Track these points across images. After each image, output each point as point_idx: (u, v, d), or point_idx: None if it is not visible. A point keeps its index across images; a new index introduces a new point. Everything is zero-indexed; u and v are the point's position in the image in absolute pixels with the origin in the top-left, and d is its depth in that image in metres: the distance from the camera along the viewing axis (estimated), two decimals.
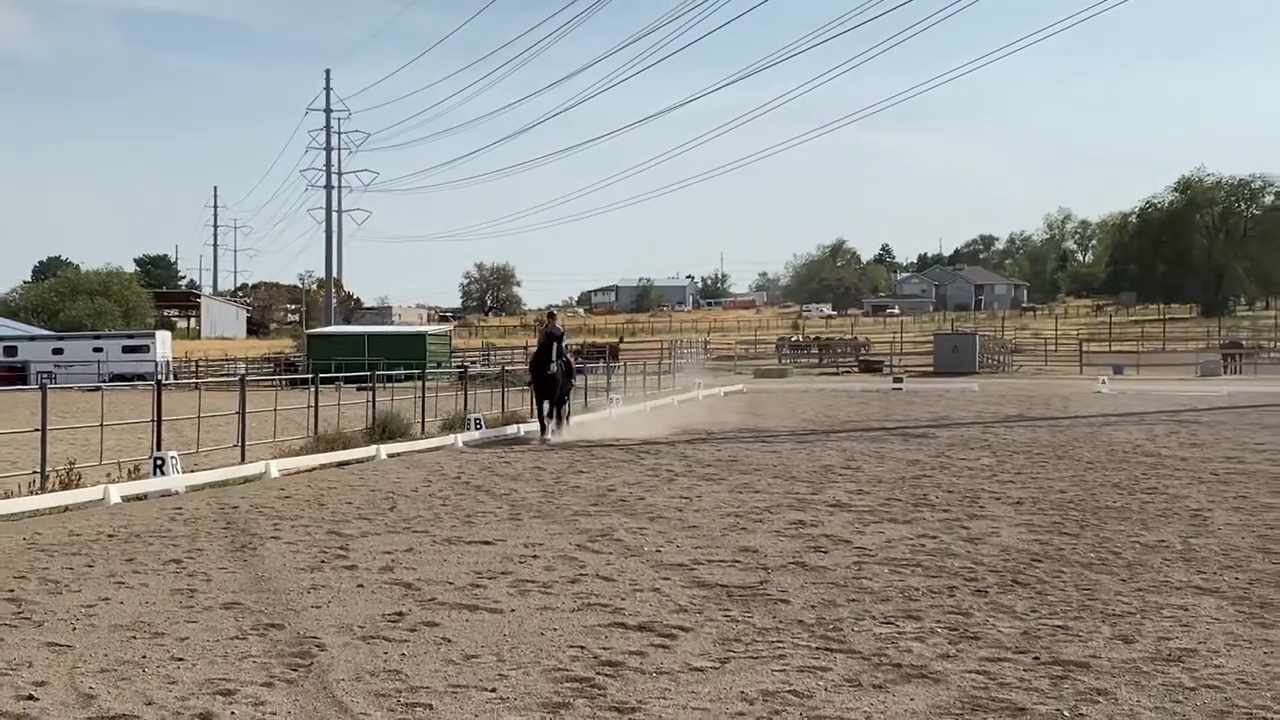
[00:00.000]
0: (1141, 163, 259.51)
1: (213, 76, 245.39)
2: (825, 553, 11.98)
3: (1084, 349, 77.93)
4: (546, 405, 27.04)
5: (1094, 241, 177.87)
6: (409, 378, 38.12)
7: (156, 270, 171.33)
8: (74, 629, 8.96)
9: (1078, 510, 14.84)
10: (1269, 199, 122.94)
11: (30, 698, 7.18)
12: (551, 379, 26.19)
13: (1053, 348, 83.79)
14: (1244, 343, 77.45)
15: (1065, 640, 8.37)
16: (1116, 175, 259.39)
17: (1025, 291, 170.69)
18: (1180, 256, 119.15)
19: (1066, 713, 6.74)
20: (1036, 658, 7.90)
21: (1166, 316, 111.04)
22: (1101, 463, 20.65)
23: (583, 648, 8.24)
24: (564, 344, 28.03)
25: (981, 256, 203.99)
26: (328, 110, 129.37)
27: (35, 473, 17.65)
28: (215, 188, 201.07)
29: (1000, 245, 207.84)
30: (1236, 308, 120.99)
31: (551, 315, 30.59)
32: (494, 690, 7.24)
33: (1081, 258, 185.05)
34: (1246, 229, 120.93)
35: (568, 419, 28.19)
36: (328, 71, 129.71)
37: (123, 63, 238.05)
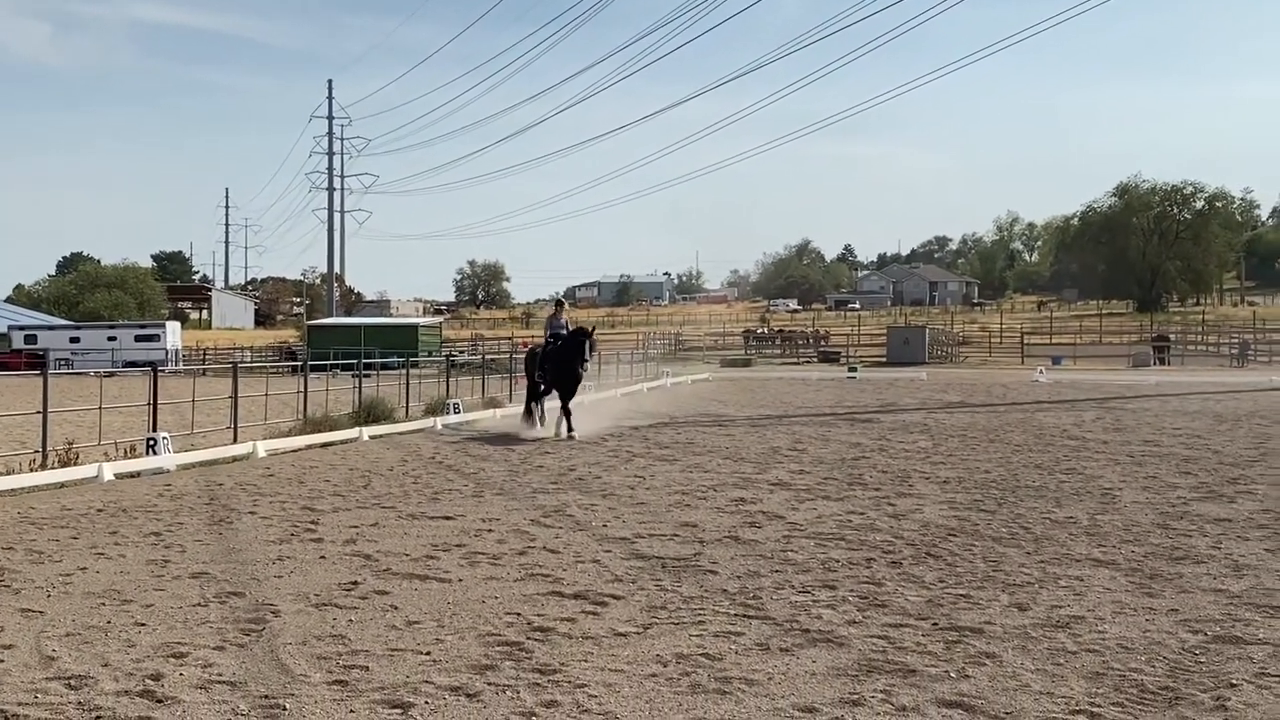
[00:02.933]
0: (1083, 170, 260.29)
1: (224, 86, 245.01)
2: (759, 527, 11.99)
3: (1025, 341, 78.09)
4: (544, 401, 24.70)
5: (1039, 242, 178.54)
6: (400, 366, 38.03)
7: (172, 265, 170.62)
8: (49, 596, 8.93)
9: (998, 489, 14.88)
10: (1199, 204, 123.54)
11: None
12: (574, 376, 23.55)
13: (997, 340, 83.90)
14: (1171, 336, 77.65)
15: (965, 608, 8.40)
16: (1061, 181, 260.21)
17: (976, 288, 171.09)
18: (1118, 256, 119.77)
19: (954, 674, 6.76)
20: (935, 624, 7.93)
21: (1104, 312, 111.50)
22: (1029, 445, 20.70)
23: (519, 614, 8.24)
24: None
25: (936, 256, 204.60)
26: (330, 118, 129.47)
27: (37, 451, 17.61)
28: (227, 189, 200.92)
29: (953, 245, 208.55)
30: (1169, 304, 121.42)
31: (560, 304, 27.41)
32: (429, 654, 7.23)
33: (1028, 257, 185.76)
34: (1178, 231, 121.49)
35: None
36: (330, 82, 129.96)
37: (139, 72, 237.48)
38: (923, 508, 13.32)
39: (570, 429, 22.75)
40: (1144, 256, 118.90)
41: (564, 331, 24.59)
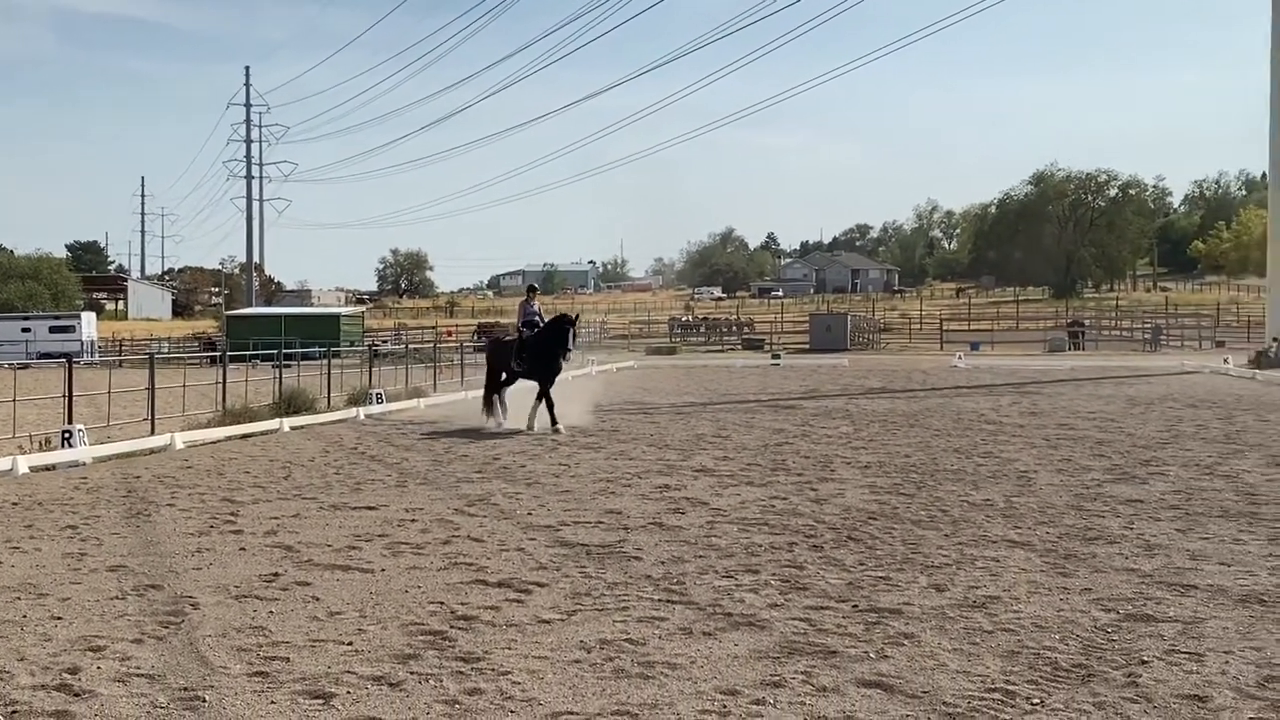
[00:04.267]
0: (1001, 158, 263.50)
1: (141, 74, 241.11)
2: (683, 514, 12.01)
3: (945, 328, 79.01)
4: (504, 392, 23.24)
5: (958, 230, 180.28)
6: (321, 356, 37.68)
7: (87, 255, 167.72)
8: None
9: (918, 473, 15.02)
10: (1113, 191, 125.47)
11: None
12: (555, 365, 22.21)
13: (917, 327, 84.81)
14: (1086, 322, 78.91)
15: (885, 590, 8.47)
16: (978, 169, 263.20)
17: (896, 276, 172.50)
18: (1034, 244, 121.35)
19: (873, 655, 6.81)
20: (856, 606, 7.98)
21: (1021, 298, 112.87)
22: (947, 430, 20.92)
23: (442, 603, 8.19)
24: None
25: (857, 244, 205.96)
26: (248, 105, 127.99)
27: None
28: (143, 178, 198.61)
29: (875, 234, 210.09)
30: (1084, 290, 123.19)
31: (532, 290, 25.73)
32: (350, 644, 7.17)
33: (947, 245, 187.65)
34: (1093, 219, 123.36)
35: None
36: (247, 68, 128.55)
37: (56, 61, 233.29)
38: (844, 492, 13.42)
39: (554, 421, 21.51)
40: (1059, 243, 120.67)
41: (538, 319, 23.40)
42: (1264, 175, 53.15)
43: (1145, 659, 6.69)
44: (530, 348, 22.41)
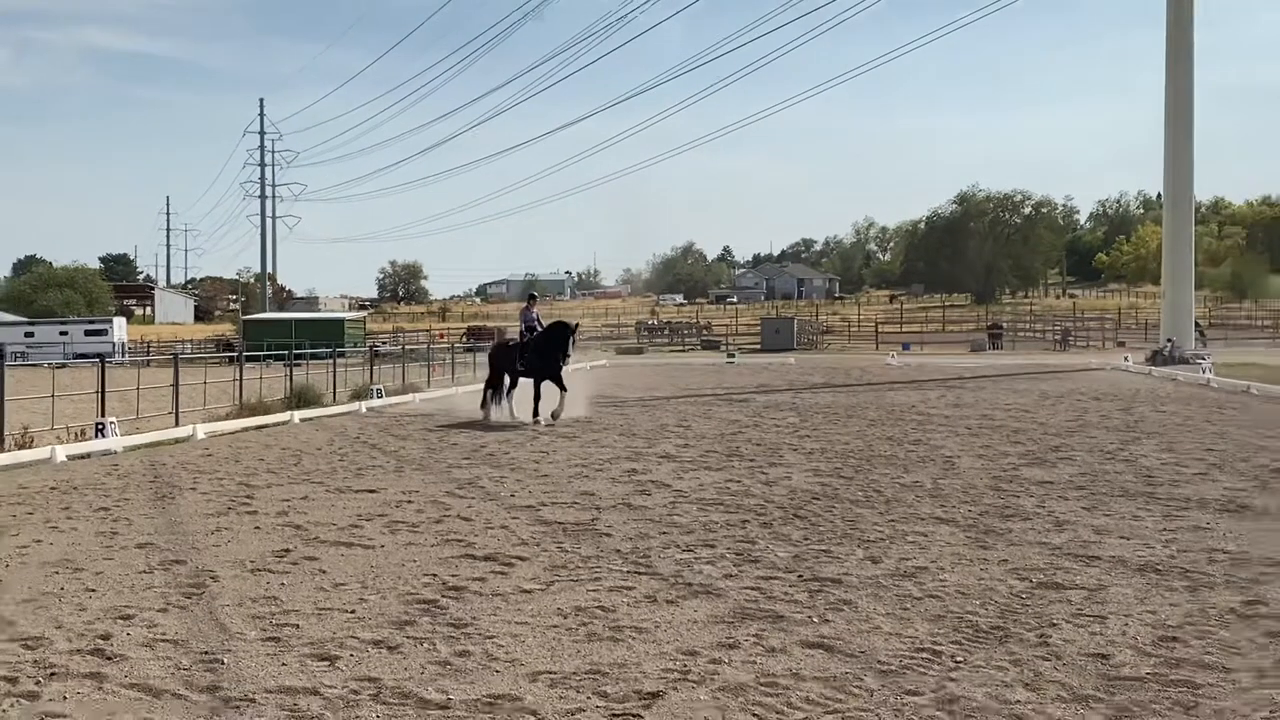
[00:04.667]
0: (929, 180, 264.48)
1: (165, 103, 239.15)
2: (649, 495, 12.01)
3: (879, 330, 79.31)
4: (504, 391, 22.47)
5: (891, 244, 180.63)
6: (327, 356, 37.50)
7: (118, 267, 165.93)
8: (6, 567, 8.67)
9: (856, 458, 15.07)
10: (1027, 210, 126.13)
11: None
12: (556, 365, 21.54)
13: (856, 329, 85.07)
14: (1004, 325, 79.29)
15: (826, 561, 8.50)
16: (909, 190, 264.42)
17: (837, 284, 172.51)
18: (958, 256, 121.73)
19: (816, 619, 6.84)
20: (801, 576, 8.01)
21: (947, 304, 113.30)
22: (882, 420, 21.00)
23: (435, 575, 8.17)
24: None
25: (803, 256, 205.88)
26: (262, 133, 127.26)
27: None
28: (168, 197, 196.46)
29: (818, 246, 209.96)
30: (1002, 297, 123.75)
31: (532, 298, 24.85)
32: (354, 611, 7.15)
33: (881, 257, 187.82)
34: (1010, 234, 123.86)
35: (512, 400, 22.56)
36: (261, 100, 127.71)
37: (91, 91, 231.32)
38: (790, 475, 13.45)
39: (559, 409, 21.05)
40: (980, 255, 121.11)
41: (537, 324, 22.78)
42: (1159, 195, 53.71)
43: (1055, 622, 6.74)
44: (532, 349, 22.00)
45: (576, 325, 22.49)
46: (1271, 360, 44.64)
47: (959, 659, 6.02)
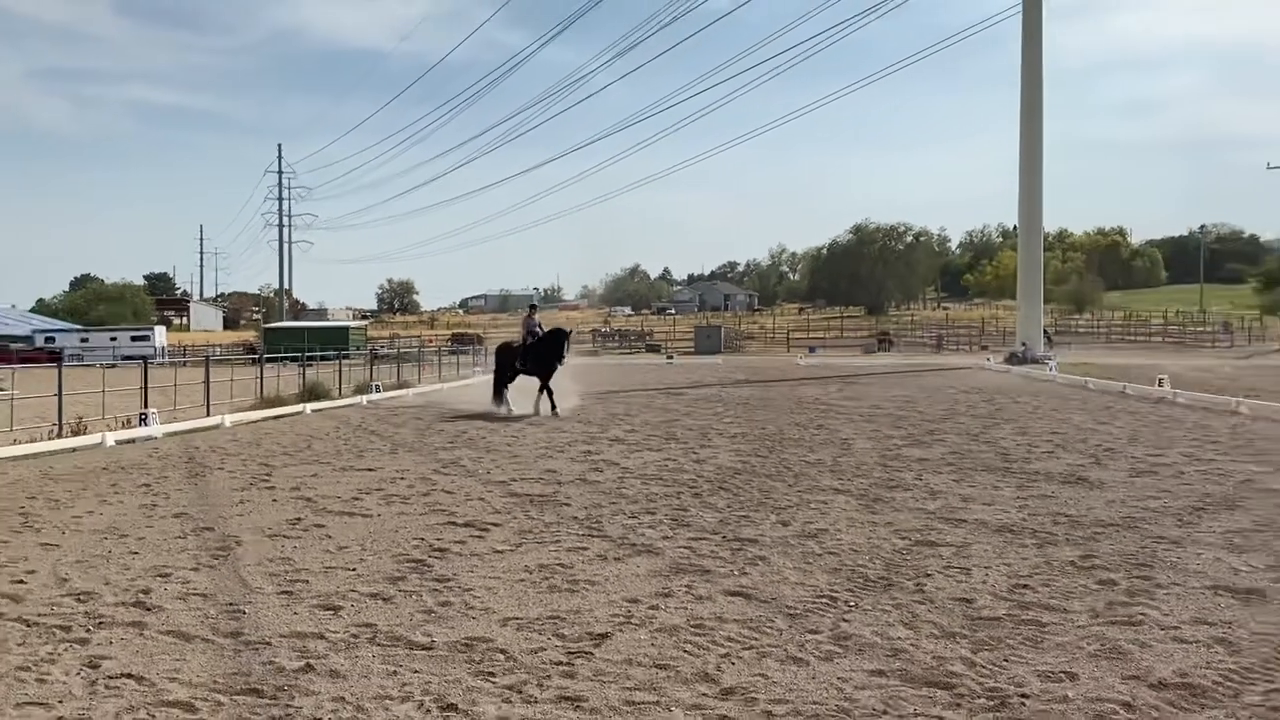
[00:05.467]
0: (830, 213, 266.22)
1: (201, 148, 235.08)
2: (601, 471, 11.99)
3: (790, 336, 79.71)
4: (508, 388, 21.25)
5: (800, 265, 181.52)
6: (334, 358, 37.07)
7: (159, 283, 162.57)
8: (63, 533, 8.48)
9: (771, 441, 15.13)
10: (909, 238, 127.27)
11: (21, 581, 6.80)
12: (551, 367, 20.62)
13: (771, 335, 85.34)
14: (890, 332, 79.98)
15: (745, 525, 8.52)
16: (814, 221, 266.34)
17: (756, 298, 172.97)
18: (854, 276, 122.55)
19: (736, 572, 6.86)
20: (724, 537, 8.02)
21: (845, 315, 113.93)
22: (791, 409, 21.09)
23: (422, 539, 8.09)
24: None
25: (729, 275, 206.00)
26: (280, 172, 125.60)
27: (55, 424, 16.76)
28: (201, 225, 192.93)
29: (740, 267, 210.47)
30: (889, 309, 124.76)
31: (533, 308, 23.98)
32: (354, 570, 7.07)
33: (792, 276, 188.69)
34: (895, 258, 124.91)
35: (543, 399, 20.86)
36: (280, 145, 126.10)
37: (137, 138, 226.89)
38: (717, 455, 13.48)
39: (554, 405, 20.16)
40: (872, 275, 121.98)
41: (539, 330, 21.77)
42: (1014, 227, 54.45)
43: (929, 573, 6.81)
44: (531, 352, 21.27)
45: (571, 332, 21.91)
46: (1104, 360, 45.36)
47: (851, 603, 6.06)
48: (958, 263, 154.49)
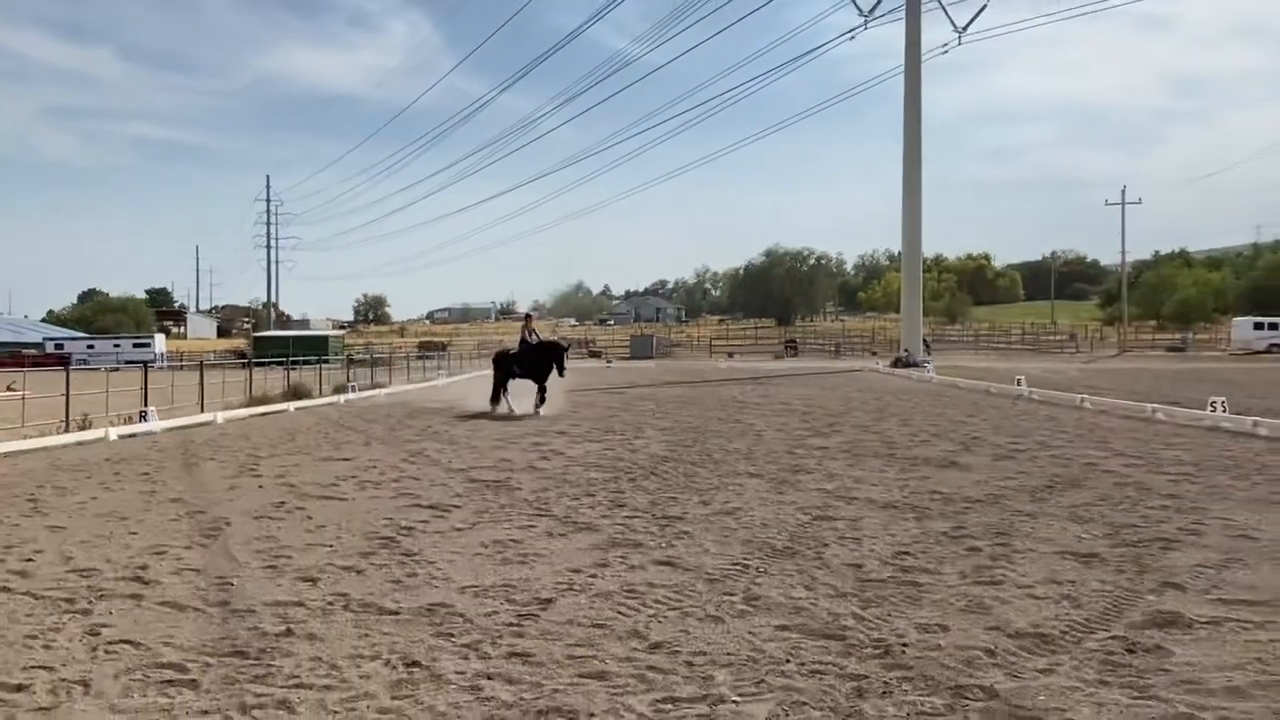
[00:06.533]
0: (746, 238, 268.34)
1: (195, 178, 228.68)
2: (549, 460, 11.90)
3: (712, 344, 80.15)
4: (508, 392, 20.03)
5: (721, 283, 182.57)
6: (316, 362, 36.40)
7: (159, 296, 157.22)
8: (69, 517, 8.19)
9: (696, 432, 15.16)
10: (812, 261, 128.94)
11: (30, 560, 6.55)
12: (544, 374, 19.44)
13: (696, 343, 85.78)
14: (796, 340, 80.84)
15: (672, 505, 8.52)
16: (733, 245, 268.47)
17: (683, 311, 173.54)
18: (767, 293, 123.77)
19: (664, 545, 6.86)
20: (654, 515, 8.00)
21: (759, 326, 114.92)
22: (714, 406, 21.18)
23: (391, 519, 7.95)
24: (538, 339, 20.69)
25: (660, 291, 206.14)
26: (268, 200, 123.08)
27: (63, 421, 16.20)
28: (197, 246, 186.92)
29: (670, 284, 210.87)
30: (796, 320, 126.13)
31: (529, 317, 22.58)
32: (331, 546, 6.92)
33: (714, 292, 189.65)
34: (800, 277, 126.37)
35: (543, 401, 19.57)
36: (268, 176, 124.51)
37: (138, 170, 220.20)
38: (649, 445, 13.47)
39: (541, 403, 19.22)
40: (781, 292, 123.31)
41: (534, 338, 20.46)
42: (899, 252, 55.53)
43: (826, 543, 6.87)
44: (523, 360, 19.95)
45: (569, 345, 20.68)
46: (972, 364, 46.29)
47: (761, 569, 6.10)
48: (852, 282, 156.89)
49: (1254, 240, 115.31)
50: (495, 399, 20.09)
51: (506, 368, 20.32)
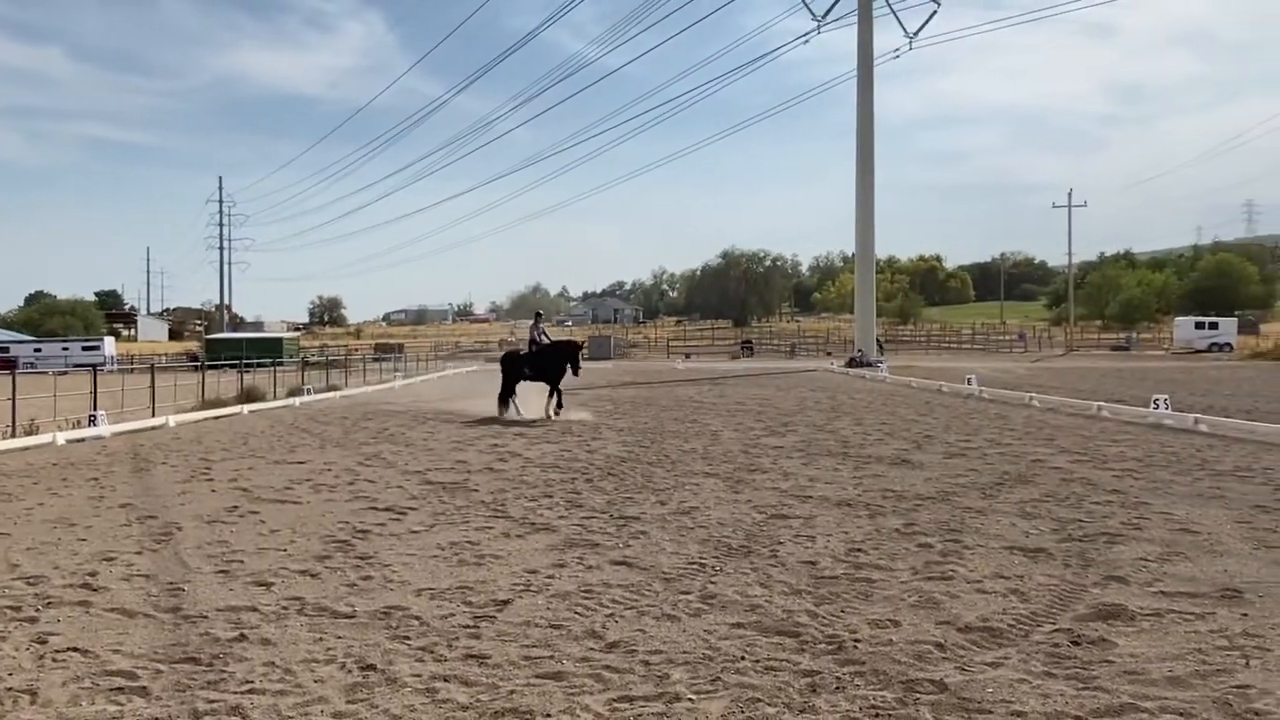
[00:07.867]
0: (703, 241, 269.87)
1: (148, 178, 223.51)
2: (506, 462, 11.85)
3: (669, 344, 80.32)
4: (514, 396, 19.18)
5: (677, 284, 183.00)
6: (270, 365, 35.79)
7: (108, 299, 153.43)
8: (15, 523, 7.96)
9: (652, 433, 15.18)
10: (768, 262, 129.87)
11: None
12: (556, 375, 18.61)
13: (653, 344, 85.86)
14: (752, 340, 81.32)
15: (629, 505, 8.53)
16: (690, 247, 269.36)
17: (641, 312, 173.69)
18: (723, 293, 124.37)
19: (621, 545, 6.87)
20: (611, 516, 8.01)
21: (715, 327, 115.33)
22: (670, 406, 21.24)
23: (347, 523, 7.86)
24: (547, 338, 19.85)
25: (617, 292, 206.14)
26: (221, 200, 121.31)
27: (8, 426, 15.75)
28: (148, 247, 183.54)
29: (628, 286, 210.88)
30: (752, 321, 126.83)
31: (538, 316, 21.78)
32: (285, 550, 6.82)
33: (671, 293, 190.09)
34: (756, 278, 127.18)
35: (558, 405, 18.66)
36: (220, 177, 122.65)
37: (88, 170, 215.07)
38: (606, 446, 13.47)
39: (560, 406, 18.41)
40: (737, 293, 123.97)
41: (543, 339, 19.63)
42: (853, 253, 56.10)
43: (781, 541, 6.93)
44: (534, 360, 19.04)
45: (583, 345, 20.03)
46: (925, 363, 46.98)
47: (717, 568, 6.13)
48: (807, 283, 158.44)
49: (1195, 242, 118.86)
50: (504, 403, 19.22)
51: (516, 370, 19.31)
